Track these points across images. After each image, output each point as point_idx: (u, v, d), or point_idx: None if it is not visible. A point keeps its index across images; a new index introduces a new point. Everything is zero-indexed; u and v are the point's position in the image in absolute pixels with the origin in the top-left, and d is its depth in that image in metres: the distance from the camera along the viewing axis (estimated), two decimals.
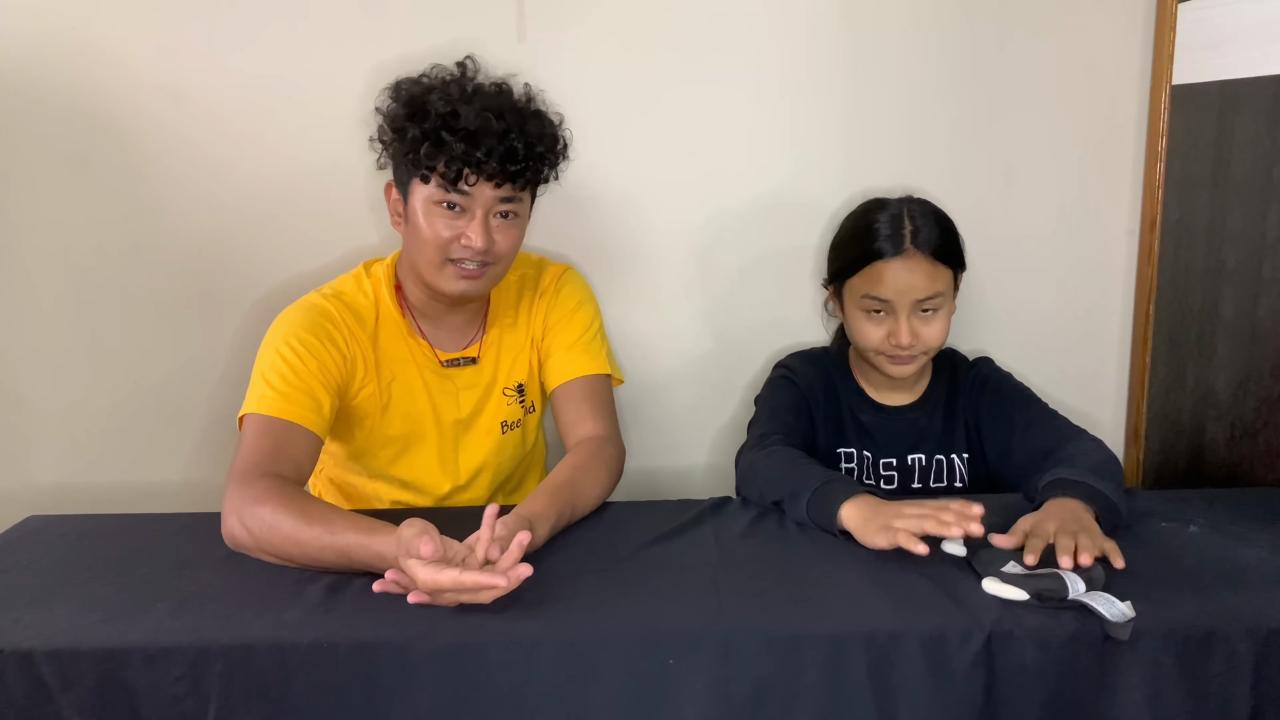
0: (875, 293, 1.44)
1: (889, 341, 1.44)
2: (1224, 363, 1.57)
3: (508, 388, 1.50)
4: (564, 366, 1.48)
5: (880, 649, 0.99)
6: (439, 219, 1.32)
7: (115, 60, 1.60)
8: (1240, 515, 1.27)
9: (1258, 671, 1.00)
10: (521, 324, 1.51)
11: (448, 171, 1.28)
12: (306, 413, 1.29)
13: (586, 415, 1.45)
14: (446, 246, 1.33)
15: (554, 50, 1.61)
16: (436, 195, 1.31)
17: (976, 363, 1.58)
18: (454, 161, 1.27)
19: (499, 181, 1.30)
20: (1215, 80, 1.54)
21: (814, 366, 1.56)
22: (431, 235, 1.32)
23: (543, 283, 1.52)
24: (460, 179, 1.29)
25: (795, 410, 1.50)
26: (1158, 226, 1.67)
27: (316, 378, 1.31)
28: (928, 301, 1.43)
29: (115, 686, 0.98)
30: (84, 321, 1.69)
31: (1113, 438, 1.80)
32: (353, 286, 1.44)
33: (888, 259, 1.42)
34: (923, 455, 1.52)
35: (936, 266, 1.43)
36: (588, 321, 1.51)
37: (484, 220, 1.32)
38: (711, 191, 1.70)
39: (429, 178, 1.31)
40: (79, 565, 1.17)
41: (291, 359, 1.31)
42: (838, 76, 1.66)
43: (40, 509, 1.37)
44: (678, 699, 0.99)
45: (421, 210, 1.33)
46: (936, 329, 1.45)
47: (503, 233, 1.34)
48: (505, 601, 1.04)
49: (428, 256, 1.34)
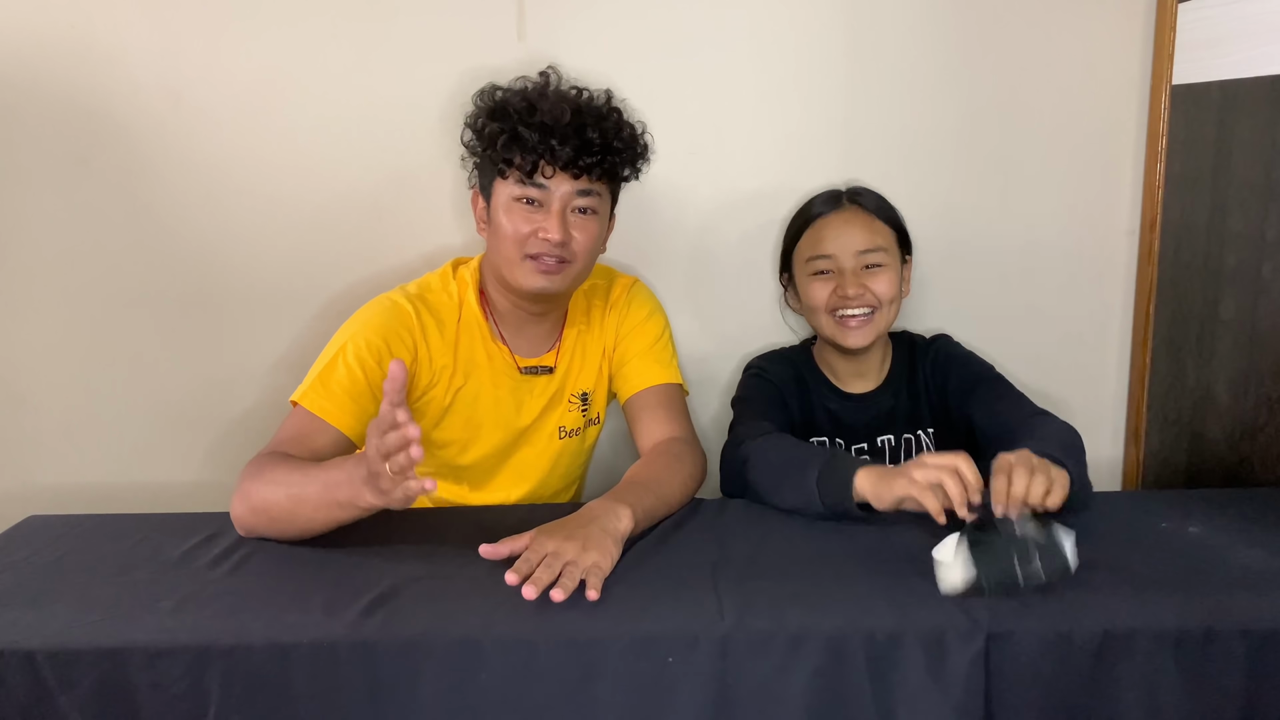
0: (818, 250, 1.52)
1: (837, 295, 1.49)
2: (1224, 363, 1.57)
3: (573, 395, 1.51)
4: (637, 376, 1.49)
5: (880, 649, 0.99)
6: (518, 215, 1.35)
7: (115, 60, 1.60)
8: (1240, 515, 1.27)
9: (1256, 672, 1.00)
10: (594, 332, 1.52)
11: (524, 163, 1.31)
12: (347, 417, 1.30)
13: (661, 420, 1.45)
14: (525, 241, 1.35)
15: (554, 50, 1.60)
16: (516, 191, 1.34)
17: (934, 339, 1.61)
18: (530, 153, 1.30)
19: (575, 173, 1.33)
20: (1215, 80, 1.54)
21: (782, 363, 1.61)
22: (512, 231, 1.35)
23: (614, 293, 1.54)
24: (536, 170, 1.32)
25: (776, 404, 1.53)
26: (1158, 226, 1.67)
27: (373, 384, 1.31)
28: (870, 254, 1.49)
29: (115, 686, 0.98)
30: (84, 321, 1.69)
31: (1113, 438, 1.80)
32: (438, 286, 1.45)
33: (825, 215, 1.53)
34: (891, 436, 1.56)
35: (874, 221, 1.52)
36: (659, 332, 1.53)
37: (561, 214, 1.34)
38: (711, 191, 1.70)
39: (508, 173, 1.34)
40: (79, 565, 1.17)
41: (352, 362, 1.32)
42: (837, 77, 1.67)
43: (40, 509, 1.37)
44: (677, 699, 0.99)
45: (503, 208, 1.36)
46: (883, 282, 1.49)
47: (580, 228, 1.36)
48: (505, 601, 1.04)
49: (507, 253, 1.36)
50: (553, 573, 1.06)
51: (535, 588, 1.03)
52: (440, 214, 1.68)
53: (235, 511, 1.21)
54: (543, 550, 1.09)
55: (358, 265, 1.68)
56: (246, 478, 1.21)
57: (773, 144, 1.68)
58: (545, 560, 1.07)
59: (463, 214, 1.67)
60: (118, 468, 1.74)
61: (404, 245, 1.68)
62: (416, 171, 1.66)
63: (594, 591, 1.05)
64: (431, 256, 1.66)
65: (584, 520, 1.16)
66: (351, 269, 1.68)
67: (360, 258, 1.68)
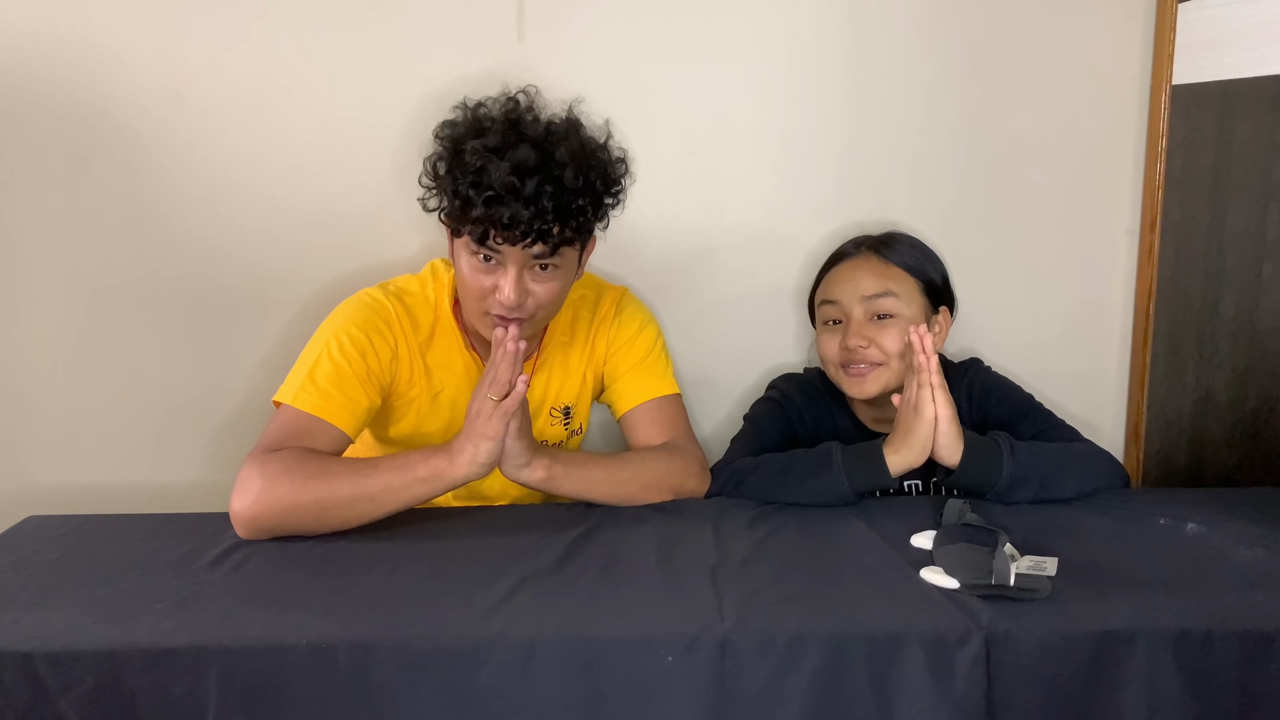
0: (825, 295, 1.48)
1: (843, 348, 1.43)
2: (1224, 363, 1.57)
3: (555, 408, 1.49)
4: (631, 390, 1.47)
5: (880, 649, 0.99)
6: (476, 268, 1.30)
7: (115, 60, 1.60)
8: (1240, 515, 1.27)
9: (1256, 671, 1.00)
10: (578, 346, 1.49)
11: (474, 230, 1.25)
12: (340, 411, 1.30)
13: (657, 435, 1.44)
14: (483, 298, 1.30)
15: (554, 50, 1.61)
16: (472, 246, 1.28)
17: (967, 367, 1.55)
18: (478, 223, 1.24)
19: (528, 244, 1.25)
20: (1215, 80, 1.54)
21: (805, 393, 1.54)
22: (472, 283, 1.31)
23: (602, 307, 1.50)
24: (488, 238, 1.25)
25: (776, 441, 1.48)
26: (1158, 226, 1.67)
27: (359, 378, 1.32)
28: (878, 301, 1.42)
29: (114, 688, 0.98)
30: (84, 321, 1.69)
31: (1113, 438, 1.80)
32: (417, 289, 1.43)
33: (841, 262, 1.49)
34: (919, 481, 1.45)
35: (889, 268, 1.46)
36: (650, 344, 1.50)
37: (517, 276, 1.27)
38: (711, 191, 1.70)
39: (461, 232, 1.29)
40: (79, 565, 1.17)
41: (338, 356, 1.31)
42: (837, 77, 1.66)
43: (40, 509, 1.37)
44: (677, 699, 0.99)
45: (461, 257, 1.32)
46: (892, 336, 1.41)
47: (541, 283, 1.30)
48: (505, 601, 1.04)
49: (467, 303, 1.35)
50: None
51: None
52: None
53: (247, 511, 1.19)
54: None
55: (358, 265, 1.68)
56: (260, 468, 1.19)
57: (772, 143, 1.68)
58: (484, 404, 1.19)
59: None
60: (117, 468, 1.74)
61: (404, 245, 1.68)
62: (416, 171, 1.66)
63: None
64: (431, 256, 1.66)
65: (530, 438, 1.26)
66: (352, 269, 1.68)
67: (360, 258, 1.67)
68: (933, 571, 1.09)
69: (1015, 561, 1.07)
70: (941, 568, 1.10)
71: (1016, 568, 1.06)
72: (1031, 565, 1.06)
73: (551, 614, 1.03)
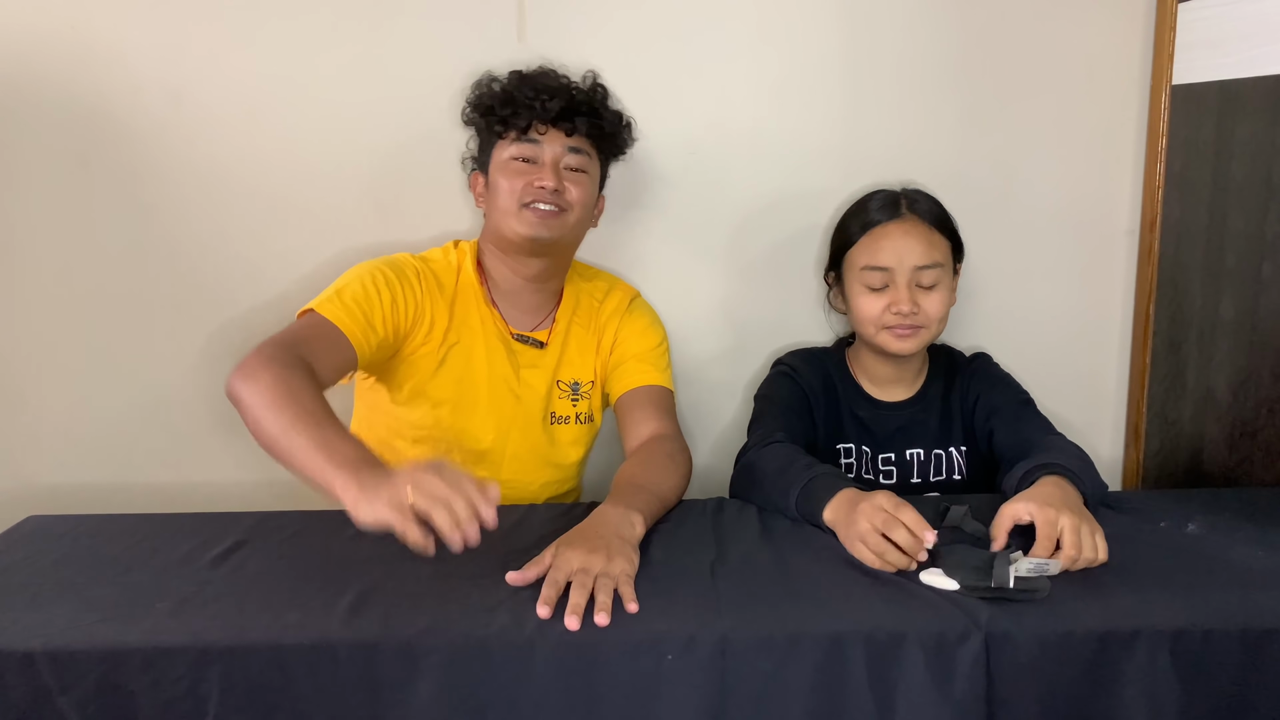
0: (875, 261, 1.47)
1: (890, 311, 1.46)
2: (1224, 363, 1.57)
3: (563, 380, 1.54)
4: (630, 375, 1.53)
5: (880, 649, 0.99)
6: (515, 171, 1.43)
7: (115, 60, 1.60)
8: (1240, 515, 1.27)
9: (1255, 671, 1.00)
10: (593, 328, 1.56)
11: (519, 120, 1.41)
12: (358, 331, 1.34)
13: (651, 418, 1.48)
14: (522, 192, 1.42)
15: (554, 50, 1.60)
16: (512, 150, 1.43)
17: (974, 358, 1.59)
18: (523, 109, 1.41)
19: (566, 129, 1.43)
20: (1215, 80, 1.54)
21: (813, 364, 1.57)
22: (508, 186, 1.43)
23: (614, 297, 1.59)
24: (530, 127, 1.42)
25: (796, 409, 1.51)
26: (1158, 226, 1.67)
27: (382, 310, 1.38)
28: (926, 272, 1.45)
29: (114, 687, 0.98)
30: (84, 321, 1.69)
31: (1113, 438, 1.80)
32: (439, 255, 1.52)
33: (885, 224, 1.48)
34: (920, 450, 1.54)
35: (934, 234, 1.48)
36: (657, 340, 1.57)
37: (554, 166, 1.43)
38: (711, 190, 1.70)
39: (504, 134, 1.43)
40: (78, 565, 1.17)
41: (369, 285, 1.39)
42: (837, 76, 1.66)
43: (40, 509, 1.37)
44: (677, 699, 0.99)
45: (500, 170, 1.44)
46: (936, 301, 1.46)
47: (573, 182, 1.45)
48: (505, 601, 1.04)
49: (505, 206, 1.43)
50: (586, 591, 1.03)
51: (576, 617, 1.00)
52: (440, 213, 1.67)
53: (241, 390, 1.18)
54: (568, 567, 1.07)
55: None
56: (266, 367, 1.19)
57: (772, 143, 1.68)
58: (576, 579, 1.05)
59: (462, 213, 1.67)
60: (117, 468, 1.74)
61: (404, 245, 1.67)
62: (416, 171, 1.66)
63: (632, 604, 1.03)
64: None
65: (600, 529, 1.15)
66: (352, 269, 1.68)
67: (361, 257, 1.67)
68: (932, 574, 1.09)
69: (1016, 564, 1.07)
70: (941, 569, 1.10)
71: (1017, 570, 1.06)
72: (1033, 568, 1.06)
73: (552, 614, 1.03)
